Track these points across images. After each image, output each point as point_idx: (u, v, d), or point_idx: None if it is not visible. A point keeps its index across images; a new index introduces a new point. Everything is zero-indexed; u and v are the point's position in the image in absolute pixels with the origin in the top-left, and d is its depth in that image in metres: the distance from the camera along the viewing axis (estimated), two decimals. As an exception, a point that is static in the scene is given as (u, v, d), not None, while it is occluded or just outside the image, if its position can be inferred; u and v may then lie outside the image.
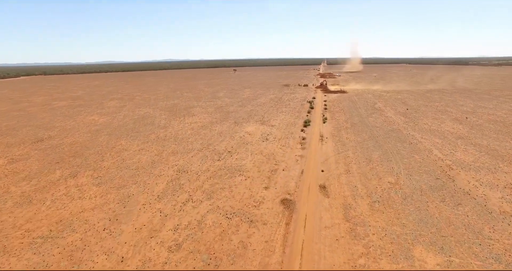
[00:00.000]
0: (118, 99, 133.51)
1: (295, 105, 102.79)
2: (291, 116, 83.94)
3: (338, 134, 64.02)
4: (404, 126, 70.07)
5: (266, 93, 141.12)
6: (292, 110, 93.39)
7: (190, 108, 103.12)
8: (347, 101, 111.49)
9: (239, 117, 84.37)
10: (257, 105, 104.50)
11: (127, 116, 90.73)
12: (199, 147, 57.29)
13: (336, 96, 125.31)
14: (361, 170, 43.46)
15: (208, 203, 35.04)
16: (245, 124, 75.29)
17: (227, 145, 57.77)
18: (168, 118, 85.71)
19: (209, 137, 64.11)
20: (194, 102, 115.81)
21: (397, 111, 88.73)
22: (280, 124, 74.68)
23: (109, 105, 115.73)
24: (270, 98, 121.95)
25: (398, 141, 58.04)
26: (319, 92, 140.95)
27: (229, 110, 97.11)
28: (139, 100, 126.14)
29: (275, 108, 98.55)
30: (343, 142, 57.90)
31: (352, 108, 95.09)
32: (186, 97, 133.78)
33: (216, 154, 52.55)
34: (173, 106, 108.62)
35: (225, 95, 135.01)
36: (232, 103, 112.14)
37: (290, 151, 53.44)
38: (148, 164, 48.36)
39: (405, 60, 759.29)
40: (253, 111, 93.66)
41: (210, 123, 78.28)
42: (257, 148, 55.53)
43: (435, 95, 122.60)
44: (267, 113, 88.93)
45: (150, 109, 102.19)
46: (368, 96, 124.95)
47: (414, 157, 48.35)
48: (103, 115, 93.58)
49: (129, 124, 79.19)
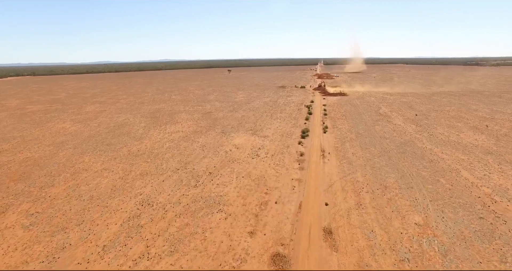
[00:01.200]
0: (100, 103, 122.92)
1: (291, 111, 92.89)
2: (287, 124, 74.04)
3: (343, 148, 54.18)
4: (418, 137, 60.42)
5: (260, 96, 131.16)
6: (288, 117, 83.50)
7: (175, 114, 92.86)
8: (348, 105, 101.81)
9: (228, 126, 74.33)
10: (249, 111, 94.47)
11: (103, 124, 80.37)
12: (175, 166, 47.19)
13: (336, 100, 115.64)
14: (376, 203, 33.64)
15: (169, 260, 25.04)
16: (234, 135, 65.26)
17: (209, 164, 47.73)
18: (148, 127, 75.46)
19: (190, 152, 54.00)
20: (181, 107, 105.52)
21: (406, 118, 79.15)
22: (274, 134, 64.72)
23: (87, 110, 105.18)
24: (264, 102, 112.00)
25: (415, 157, 48.32)
26: (317, 95, 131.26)
27: (218, 116, 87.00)
28: (122, 104, 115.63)
29: (269, 114, 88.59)
30: (349, 159, 48.07)
31: (355, 114, 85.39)
32: (174, 100, 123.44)
33: (194, 177, 42.49)
34: (157, 111, 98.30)
35: (216, 99, 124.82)
36: (223, 108, 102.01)
37: (285, 172, 43.49)
38: (106, 192, 38.20)
39: (401, 60, 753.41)
40: (245, 118, 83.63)
41: (194, 133, 68.16)
42: (245, 167, 45.55)
43: (443, 99, 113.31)
44: (260, 121, 78.97)
45: (131, 115, 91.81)
46: (370, 99, 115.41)
47: (439, 182, 38.61)
48: (76, 123, 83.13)
49: (102, 135, 68.87)
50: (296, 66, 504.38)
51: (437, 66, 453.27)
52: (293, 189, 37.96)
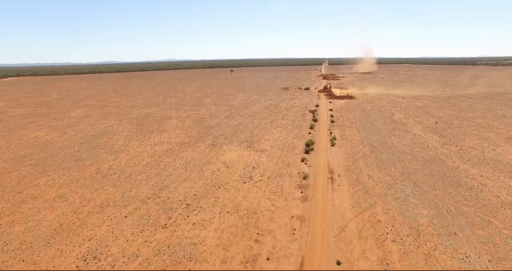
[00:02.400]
0: (89, 106, 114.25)
1: (294, 117, 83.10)
2: (289, 134, 64.33)
3: (355, 167, 44.35)
4: (445, 152, 50.34)
5: (261, 99, 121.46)
6: (291, 124, 73.76)
7: (165, 120, 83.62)
8: (357, 110, 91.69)
9: (221, 136, 64.84)
10: (247, 117, 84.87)
11: (82, 132, 71.42)
12: (147, 193, 37.77)
13: (343, 103, 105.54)
14: (409, 259, 23.87)
15: None
16: (226, 148, 55.72)
17: (189, 190, 38.26)
18: (130, 137, 66.26)
19: (169, 172, 44.57)
20: (173, 112, 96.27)
21: (425, 126, 69.00)
22: (273, 148, 55.05)
23: (72, 114, 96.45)
24: (265, 106, 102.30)
25: (447, 182, 38.36)
26: (322, 98, 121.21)
27: (211, 123, 77.56)
28: (111, 108, 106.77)
29: (269, 120, 78.91)
30: (364, 185, 38.26)
31: (366, 121, 75.38)
32: (168, 104, 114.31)
33: (166, 211, 33.04)
34: (146, 117, 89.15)
35: (213, 102, 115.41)
36: (218, 112, 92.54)
37: (284, 204, 33.84)
38: (45, 235, 28.94)
39: (407, 60, 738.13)
40: (241, 125, 74.09)
41: (180, 145, 58.75)
42: (233, 196, 35.98)
43: (462, 102, 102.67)
44: (258, 129, 69.37)
45: (116, 122, 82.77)
46: (381, 103, 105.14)
47: (492, 224, 28.73)
48: (53, 130, 74.31)
49: (75, 146, 59.82)
50: (300, 67, 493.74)
51: (446, 67, 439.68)
52: (293, 233, 28.32)
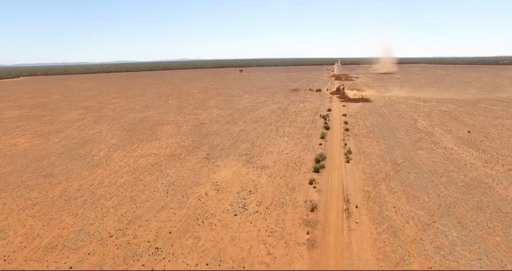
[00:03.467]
0: (86, 108, 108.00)
1: (303, 123, 74.04)
2: (296, 145, 55.43)
3: (377, 195, 35.19)
4: (490, 173, 40.55)
5: (269, 101, 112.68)
6: (299, 132, 64.79)
7: (160, 125, 75.91)
8: (374, 115, 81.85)
9: (218, 146, 56.47)
10: (251, 122, 76.31)
11: (66, 139, 64.36)
12: (111, 227, 29.69)
13: (358, 107, 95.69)
14: None
15: None
16: (221, 163, 47.28)
17: (163, 225, 29.97)
18: (116, 146, 58.65)
19: (146, 196, 36.43)
20: (171, 116, 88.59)
21: (457, 137, 58.91)
22: (276, 163, 46.31)
23: (65, 118, 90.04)
24: (272, 110, 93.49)
25: (506, 221, 28.83)
26: (335, 101, 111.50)
27: (210, 130, 69.34)
28: (107, 111, 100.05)
29: (274, 127, 70.12)
30: (391, 223, 29.15)
31: (386, 129, 65.70)
32: (168, 106, 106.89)
33: (126, 259, 24.82)
34: (141, 121, 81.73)
35: (216, 105, 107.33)
36: (220, 117, 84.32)
37: (284, 253, 25.12)
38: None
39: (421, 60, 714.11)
40: (243, 133, 65.57)
41: (169, 158, 50.64)
42: (218, 237, 27.49)
43: (494, 107, 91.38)
44: (262, 139, 60.71)
45: (107, 127, 75.58)
46: (400, 107, 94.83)
47: None
48: (36, 137, 67.61)
49: (51, 157, 52.56)
50: (312, 66, 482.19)
51: (465, 66, 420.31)
52: (294, 310, 19.49)
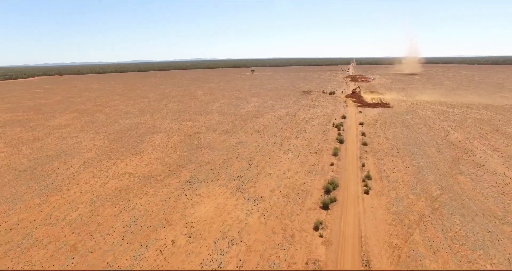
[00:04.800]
0: (80, 112, 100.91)
1: (313, 134, 63.48)
2: (301, 166, 45.13)
3: (410, 255, 24.63)
4: None
5: (277, 105, 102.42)
6: (307, 147, 54.36)
7: (150, 134, 67.05)
8: (396, 124, 70.34)
9: (207, 165, 46.83)
10: (253, 132, 66.37)
11: (39, 151, 56.34)
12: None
13: (377, 114, 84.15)
14: None
15: None
16: (204, 191, 37.56)
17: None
18: (90, 162, 49.97)
19: (94, 244, 27.11)
20: (166, 122, 79.75)
21: (507, 156, 47.08)
22: (274, 194, 36.20)
23: (53, 123, 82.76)
24: (278, 116, 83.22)
25: None
26: (351, 105, 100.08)
27: (204, 142, 59.82)
28: (100, 116, 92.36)
29: (279, 139, 59.92)
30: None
31: (412, 144, 54.38)
32: (167, 110, 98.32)
33: None
34: (130, 129, 73.25)
35: (219, 109, 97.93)
36: (219, 125, 74.81)
37: None
38: None
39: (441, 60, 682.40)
40: (240, 147, 55.68)
41: (145, 180, 41.35)
42: None
43: (539, 115, 77.98)
44: (261, 155, 50.68)
45: (91, 136, 67.38)
46: (426, 114, 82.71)
47: None
48: (9, 146, 60.18)
49: (9, 175, 44.50)
50: (326, 66, 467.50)
51: (491, 66, 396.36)
52: None
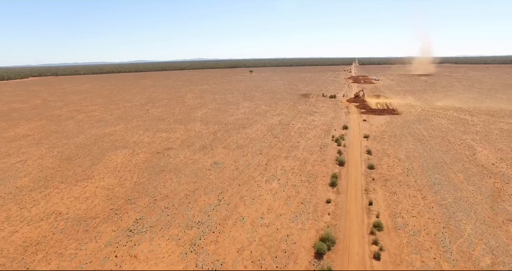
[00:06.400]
0: (50, 119, 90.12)
1: (307, 152, 52.02)
2: (287, 204, 33.78)
3: None
4: None
5: (270, 112, 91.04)
6: (298, 172, 42.93)
7: (112, 151, 55.92)
8: (408, 138, 58.73)
9: (163, 200, 35.53)
10: (235, 148, 55.04)
11: (-32, 174, 45.13)
12: None
13: (384, 123, 72.61)
14: None
15: None
16: (144, 246, 26.26)
17: None
18: (17, 192, 38.89)
19: None
20: (138, 134, 68.64)
21: (559, 190, 35.38)
22: (240, 259, 24.96)
23: (8, 134, 72.18)
24: (269, 126, 71.86)
25: None
26: (353, 112, 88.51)
27: (171, 163, 48.55)
28: (68, 124, 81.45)
29: (265, 159, 48.52)
30: None
31: (431, 168, 42.83)
32: (145, 118, 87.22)
33: None
34: (94, 142, 62.22)
35: (203, 116, 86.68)
36: (198, 137, 63.58)
37: None
38: None
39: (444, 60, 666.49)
40: (214, 171, 44.35)
41: (72, 226, 30.16)
42: None
43: None
44: (237, 184, 39.34)
45: (42, 152, 56.33)
46: (441, 123, 71.07)
47: None
48: None
49: None
50: (328, 67, 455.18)
51: (501, 66, 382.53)
52: None
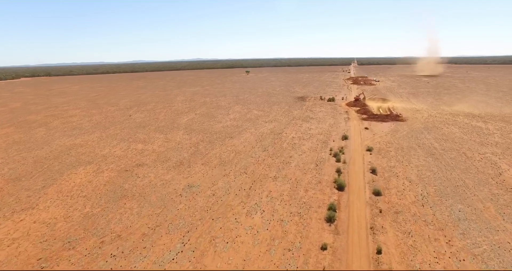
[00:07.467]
0: (21, 125, 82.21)
1: (300, 170, 44.02)
2: (268, 253, 25.97)
3: None
4: None
5: (262, 117, 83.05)
6: (288, 200, 34.98)
7: (75, 167, 47.88)
8: (419, 152, 50.80)
9: (112, 243, 27.68)
10: (216, 165, 47.03)
11: None
12: None
13: (388, 132, 64.71)
14: None
15: None
16: None
17: None
18: None
19: None
20: (111, 145, 60.60)
21: None
22: None
23: (-31, 144, 63.57)
24: (260, 136, 63.86)
25: None
26: (354, 118, 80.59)
27: (137, 186, 40.49)
28: (37, 133, 73.45)
29: (249, 181, 40.51)
30: None
31: (451, 194, 34.97)
32: (125, 124, 79.19)
33: None
34: (58, 156, 54.22)
35: (189, 123, 78.65)
36: (177, 150, 55.59)
37: None
38: None
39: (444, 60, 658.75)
40: (186, 195, 36.37)
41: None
42: None
43: None
44: (210, 218, 31.49)
45: (-8, 169, 48.09)
46: (453, 132, 63.21)
47: None
48: None
49: None
50: (327, 67, 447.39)
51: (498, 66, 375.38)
52: None
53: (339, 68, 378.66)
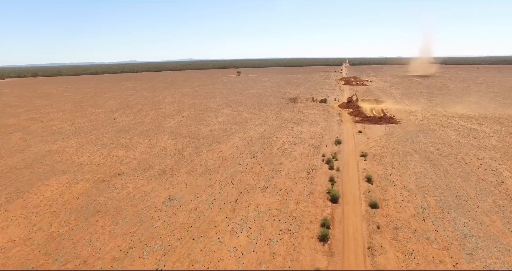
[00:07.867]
0: (-4, 130, 76.99)
1: (290, 180, 41.00)
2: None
3: None
4: None
5: (252, 120, 79.91)
6: (277, 215, 32.04)
7: (47, 178, 44.03)
8: (415, 157, 48.31)
9: (70, 276, 23.87)
10: (201, 174, 43.69)
11: None
12: None
13: (383, 135, 62.23)
14: None
15: None
16: None
17: None
18: None
19: None
20: (91, 151, 56.65)
21: None
22: None
23: None
24: (249, 141, 60.68)
25: None
26: (346, 120, 78.07)
27: (113, 199, 36.93)
28: (12, 138, 69.02)
29: (235, 193, 37.31)
30: None
31: (453, 206, 32.40)
32: (109, 128, 75.17)
33: None
34: (31, 164, 50.20)
35: (175, 127, 75.06)
36: (160, 156, 52.02)
37: None
38: None
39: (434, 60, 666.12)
40: (165, 211, 33.08)
41: None
42: None
43: None
44: (190, 238, 28.26)
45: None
46: (449, 135, 61.09)
47: None
48: None
49: None
50: (319, 67, 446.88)
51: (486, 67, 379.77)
52: None
53: (331, 69, 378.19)
